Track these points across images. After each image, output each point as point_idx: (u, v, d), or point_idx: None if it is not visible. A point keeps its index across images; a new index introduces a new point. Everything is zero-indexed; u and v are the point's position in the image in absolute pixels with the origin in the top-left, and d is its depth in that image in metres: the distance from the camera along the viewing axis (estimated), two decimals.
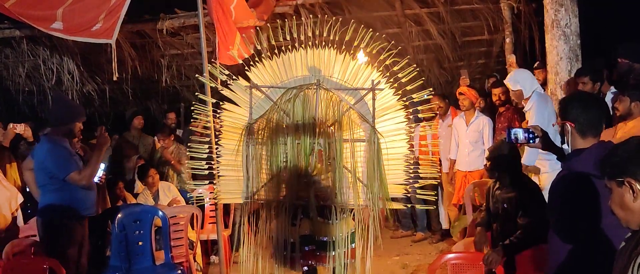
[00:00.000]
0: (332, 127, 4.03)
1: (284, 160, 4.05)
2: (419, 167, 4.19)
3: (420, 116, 4.50)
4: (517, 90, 5.35)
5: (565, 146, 3.02)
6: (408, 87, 4.10)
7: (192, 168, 4.53)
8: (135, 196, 6.56)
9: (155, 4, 7.69)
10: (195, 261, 5.79)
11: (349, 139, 4.01)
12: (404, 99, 4.11)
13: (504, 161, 4.22)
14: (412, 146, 4.18)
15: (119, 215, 5.10)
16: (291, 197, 4.05)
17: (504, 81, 5.78)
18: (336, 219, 3.99)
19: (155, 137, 7.81)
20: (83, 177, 4.50)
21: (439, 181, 5.54)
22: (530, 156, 5.06)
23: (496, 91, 6.53)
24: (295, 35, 4.08)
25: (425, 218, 7.34)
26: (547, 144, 3.15)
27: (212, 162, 4.23)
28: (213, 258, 6.60)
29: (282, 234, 4.01)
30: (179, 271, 5.12)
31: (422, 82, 4.10)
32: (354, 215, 4.04)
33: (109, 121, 9.88)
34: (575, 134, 2.91)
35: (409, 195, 4.33)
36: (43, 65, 8.06)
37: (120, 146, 7.60)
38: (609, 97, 5.12)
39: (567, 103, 3.03)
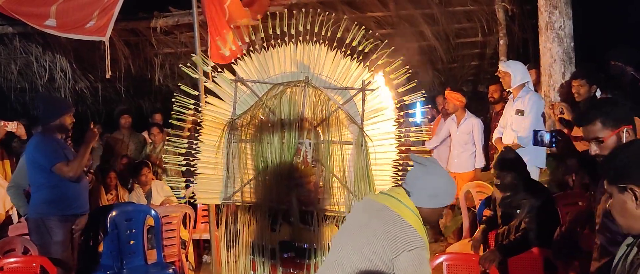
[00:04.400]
0: (318, 128, 3.87)
1: (267, 160, 3.87)
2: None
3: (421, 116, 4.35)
4: (506, 73, 5.50)
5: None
6: (400, 90, 3.96)
7: (165, 163, 4.32)
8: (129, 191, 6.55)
9: (149, 2, 7.66)
10: (187, 260, 5.77)
11: (336, 140, 3.83)
12: (396, 101, 3.94)
13: (515, 169, 4.20)
14: (401, 151, 3.93)
15: (111, 214, 5.08)
16: (272, 200, 3.87)
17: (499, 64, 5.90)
18: (318, 226, 3.79)
19: (145, 134, 7.80)
20: (70, 169, 4.47)
21: None
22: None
23: (491, 88, 6.58)
24: (285, 29, 3.93)
25: None
26: (568, 149, 3.18)
27: (190, 159, 4.04)
28: (205, 257, 6.58)
29: (261, 239, 3.85)
30: (171, 270, 5.10)
31: (414, 84, 3.96)
32: (335, 222, 3.84)
33: (101, 119, 9.83)
34: None
35: None
36: (35, 63, 8.02)
37: (109, 145, 7.58)
38: None
39: None
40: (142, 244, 5.17)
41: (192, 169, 4.09)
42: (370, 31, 4.11)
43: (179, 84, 4.59)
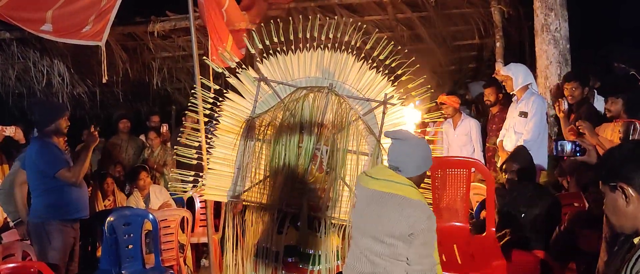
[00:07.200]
0: (337, 136, 3.86)
1: (282, 162, 3.86)
2: None
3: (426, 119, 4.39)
4: (506, 76, 5.49)
5: None
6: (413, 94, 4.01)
7: (179, 155, 4.28)
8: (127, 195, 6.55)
9: (146, 7, 7.67)
10: (185, 264, 5.77)
11: (352, 150, 3.83)
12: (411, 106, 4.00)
13: (524, 163, 4.20)
14: None
15: (110, 218, 5.07)
16: (282, 202, 3.86)
17: (500, 68, 5.89)
18: (325, 233, 3.78)
19: (143, 137, 7.81)
20: (73, 175, 4.49)
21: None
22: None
23: (486, 91, 6.58)
24: (315, 34, 3.94)
25: None
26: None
27: (202, 152, 4.04)
28: (203, 261, 6.57)
29: (266, 241, 3.83)
30: None
31: (429, 91, 4.04)
32: (342, 231, 3.81)
33: (100, 123, 9.83)
34: None
35: None
36: (33, 68, 8.02)
37: (107, 150, 7.58)
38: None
39: None
40: (140, 248, 5.16)
41: (204, 163, 4.07)
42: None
43: (192, 91, 4.55)
